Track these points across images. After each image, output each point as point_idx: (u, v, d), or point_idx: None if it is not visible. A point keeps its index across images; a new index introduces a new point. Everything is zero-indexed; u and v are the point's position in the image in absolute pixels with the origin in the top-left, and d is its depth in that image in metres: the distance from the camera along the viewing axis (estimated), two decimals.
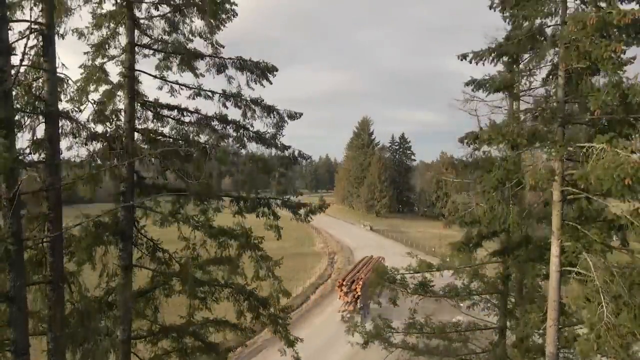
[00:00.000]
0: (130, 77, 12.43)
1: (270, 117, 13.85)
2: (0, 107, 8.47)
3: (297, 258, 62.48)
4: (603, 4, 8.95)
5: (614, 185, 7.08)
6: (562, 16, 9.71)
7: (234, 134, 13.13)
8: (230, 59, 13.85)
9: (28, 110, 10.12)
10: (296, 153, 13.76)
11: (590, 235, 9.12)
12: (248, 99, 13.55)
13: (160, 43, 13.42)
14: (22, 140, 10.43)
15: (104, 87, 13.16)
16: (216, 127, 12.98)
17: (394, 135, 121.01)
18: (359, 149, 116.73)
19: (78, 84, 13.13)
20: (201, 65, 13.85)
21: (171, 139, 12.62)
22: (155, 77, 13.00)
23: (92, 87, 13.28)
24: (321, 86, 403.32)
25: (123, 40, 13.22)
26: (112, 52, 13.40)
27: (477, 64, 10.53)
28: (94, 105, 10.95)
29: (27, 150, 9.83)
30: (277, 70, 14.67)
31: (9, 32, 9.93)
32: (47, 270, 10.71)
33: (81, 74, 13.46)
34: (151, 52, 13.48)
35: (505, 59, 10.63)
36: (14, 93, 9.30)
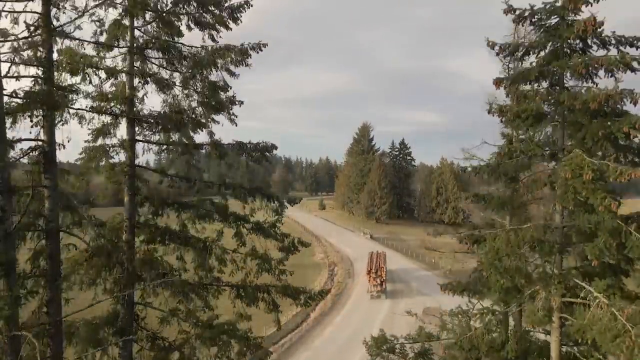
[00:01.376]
0: (131, 175, 12.48)
1: (271, 203, 13.94)
2: (1, 249, 8.53)
3: (297, 270, 61.98)
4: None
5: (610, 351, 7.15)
6: (561, 144, 9.75)
7: (234, 224, 13.17)
8: (229, 144, 13.89)
9: (29, 230, 10.20)
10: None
11: None
12: (248, 187, 13.62)
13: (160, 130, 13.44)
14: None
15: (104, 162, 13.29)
16: (216, 218, 13.03)
17: (394, 141, 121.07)
18: (358, 155, 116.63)
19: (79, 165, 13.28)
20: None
21: (171, 235, 12.68)
22: (155, 171, 13.04)
23: (93, 165, 13.39)
24: (321, 86, 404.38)
25: (124, 128, 13.24)
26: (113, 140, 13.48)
27: (476, 176, 10.59)
28: (95, 228, 10.97)
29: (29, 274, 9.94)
30: (276, 148, 14.77)
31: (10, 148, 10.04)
32: None
33: (82, 157, 13.56)
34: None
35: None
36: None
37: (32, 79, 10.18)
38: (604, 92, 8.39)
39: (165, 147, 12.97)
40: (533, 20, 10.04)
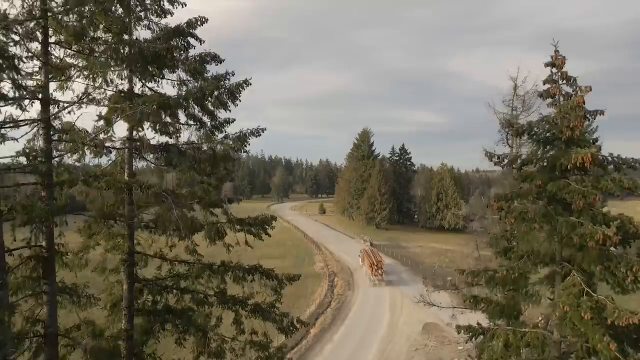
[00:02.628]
0: (130, 263, 12.49)
1: (270, 281, 13.97)
2: None
3: (297, 280, 62.71)
4: None
5: None
6: (559, 258, 9.77)
7: (233, 308, 13.21)
8: (229, 222, 13.91)
9: (27, 336, 10.23)
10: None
11: None
12: (246, 266, 13.66)
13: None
14: None
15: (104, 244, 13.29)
16: (215, 303, 13.07)
17: (395, 146, 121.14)
18: (359, 161, 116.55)
19: (79, 249, 13.29)
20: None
21: (171, 319, 12.72)
22: (154, 256, 13.07)
23: (91, 244, 13.41)
24: (321, 86, 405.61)
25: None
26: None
27: (474, 285, 10.62)
28: (94, 339, 11.00)
29: None
30: (275, 219, 14.89)
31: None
32: None
33: (80, 236, 13.58)
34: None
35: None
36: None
37: (33, 186, 10.19)
38: (602, 231, 8.40)
39: (163, 232, 12.97)
40: (531, 133, 10.05)
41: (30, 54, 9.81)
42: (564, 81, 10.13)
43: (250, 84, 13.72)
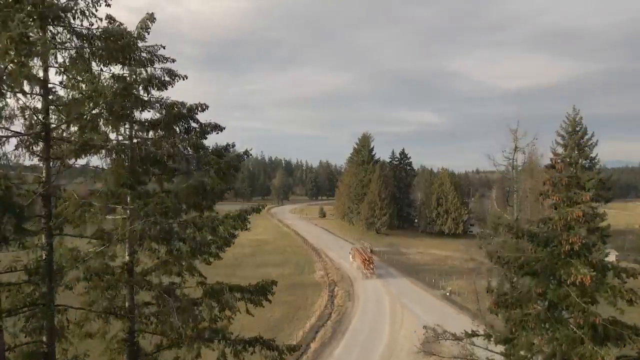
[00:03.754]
0: (131, 342, 12.57)
1: (270, 352, 14.05)
2: None
3: (297, 290, 62.73)
4: None
5: None
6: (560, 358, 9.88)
7: None
8: (221, 285, 13.98)
9: None
10: None
11: None
12: (247, 339, 13.73)
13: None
14: None
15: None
16: None
17: (395, 150, 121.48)
18: (359, 166, 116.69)
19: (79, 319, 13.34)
20: None
21: None
22: (154, 333, 13.14)
23: (92, 315, 13.46)
24: (321, 87, 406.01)
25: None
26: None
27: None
28: None
29: None
30: (276, 284, 14.98)
31: None
32: None
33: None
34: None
35: None
36: None
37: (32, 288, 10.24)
38: (602, 356, 8.46)
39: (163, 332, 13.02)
40: (530, 236, 10.13)
41: (31, 155, 9.86)
42: (564, 185, 10.21)
43: (251, 155, 13.79)
